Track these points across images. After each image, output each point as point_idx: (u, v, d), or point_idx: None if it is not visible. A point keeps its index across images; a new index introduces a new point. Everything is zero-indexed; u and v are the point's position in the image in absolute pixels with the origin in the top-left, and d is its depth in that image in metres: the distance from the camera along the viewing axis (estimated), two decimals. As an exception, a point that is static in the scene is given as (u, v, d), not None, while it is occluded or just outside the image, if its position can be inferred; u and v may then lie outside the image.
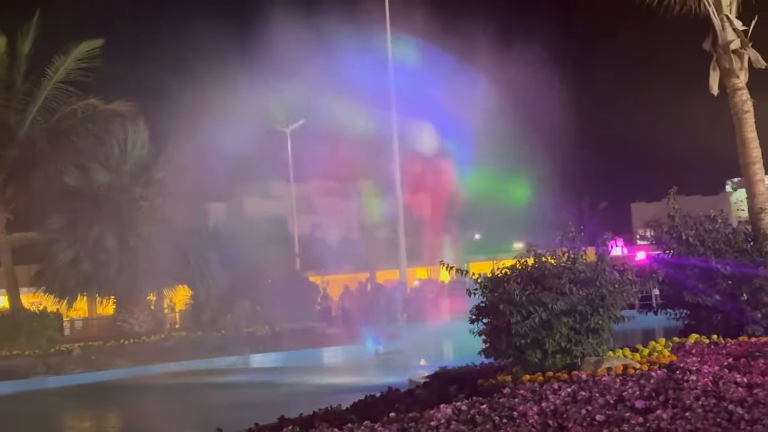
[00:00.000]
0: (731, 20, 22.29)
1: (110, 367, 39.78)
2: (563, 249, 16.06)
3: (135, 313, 48.18)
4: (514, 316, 15.09)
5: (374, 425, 12.74)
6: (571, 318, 15.16)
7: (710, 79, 22.24)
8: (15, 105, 48.86)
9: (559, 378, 14.32)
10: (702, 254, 19.99)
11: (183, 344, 43.93)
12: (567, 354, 15.19)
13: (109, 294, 48.97)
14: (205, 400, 30.28)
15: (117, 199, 47.47)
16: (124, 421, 27.90)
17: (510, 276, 15.65)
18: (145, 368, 39.81)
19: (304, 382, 31.70)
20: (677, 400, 12.25)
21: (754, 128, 21.75)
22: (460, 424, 12.44)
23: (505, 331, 15.43)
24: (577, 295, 15.10)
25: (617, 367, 14.53)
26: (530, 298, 15.07)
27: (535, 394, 13.23)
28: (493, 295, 15.58)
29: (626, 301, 15.81)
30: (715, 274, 19.77)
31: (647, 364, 14.80)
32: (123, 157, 48.15)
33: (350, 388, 25.12)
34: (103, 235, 46.37)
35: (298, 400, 24.47)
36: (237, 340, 43.92)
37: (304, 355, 41.34)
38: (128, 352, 42.43)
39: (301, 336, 45.09)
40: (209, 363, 40.58)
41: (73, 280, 47.20)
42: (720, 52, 22.23)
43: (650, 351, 16.43)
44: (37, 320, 44.16)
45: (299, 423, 13.96)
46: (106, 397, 33.87)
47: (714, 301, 19.62)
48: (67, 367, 39.39)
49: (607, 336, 15.76)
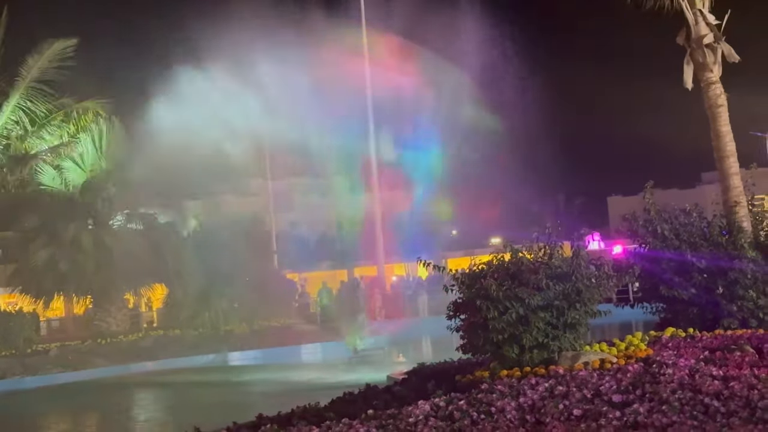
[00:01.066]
0: (704, 15, 22.36)
1: (88, 366, 39.68)
2: (540, 244, 16.10)
3: (112, 312, 47.93)
4: (491, 311, 15.13)
5: (353, 422, 12.76)
6: (547, 313, 15.22)
7: (684, 74, 22.30)
8: (-13, 104, 48.61)
9: (537, 373, 14.37)
10: (677, 248, 20.08)
11: (160, 343, 43.82)
12: (544, 349, 15.24)
13: (85, 293, 48.68)
14: (183, 398, 30.26)
15: (92, 198, 47.25)
16: (102, 421, 27.84)
17: (487, 272, 15.68)
18: (122, 367, 39.73)
19: (282, 380, 31.69)
20: (654, 393, 12.31)
21: (728, 122, 21.82)
22: (438, 420, 12.47)
23: (482, 327, 15.47)
24: (554, 290, 15.16)
25: (594, 362, 14.58)
26: (507, 293, 15.12)
27: (513, 390, 13.27)
28: (470, 291, 15.60)
29: (603, 296, 15.87)
30: (690, 267, 19.86)
31: (624, 358, 14.86)
32: (98, 156, 47.95)
33: (329, 386, 25.16)
34: (78, 235, 46.13)
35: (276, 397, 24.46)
36: (215, 338, 43.85)
37: (282, 353, 41.33)
38: (106, 352, 42.30)
39: (279, 333, 45.05)
40: (187, 361, 40.53)
41: (49, 279, 46.91)
42: (693, 46, 22.30)
43: (627, 345, 16.50)
44: (14, 320, 43.85)
45: (277, 421, 13.96)
46: (83, 396, 33.77)
47: (690, 294, 19.70)
48: (44, 367, 39.25)
49: (584, 330, 15.83)
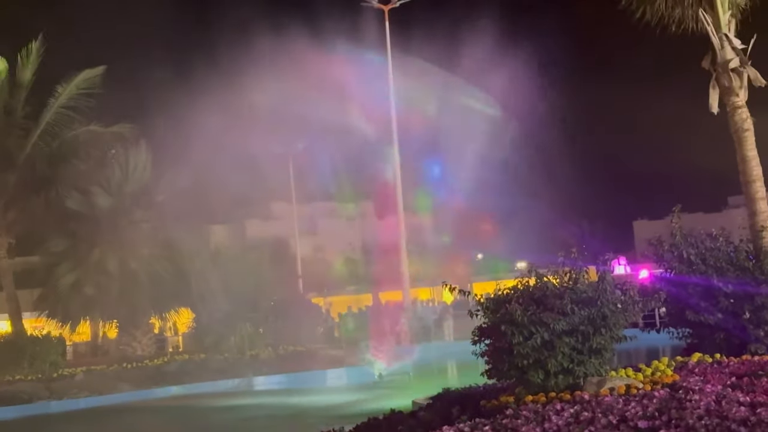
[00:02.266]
0: (730, 39, 22.33)
1: (113, 391, 39.69)
2: (565, 269, 16.04)
3: (137, 337, 48.12)
4: (516, 336, 15.06)
5: (377, 448, 12.73)
6: (573, 338, 15.13)
7: (710, 98, 22.26)
8: (16, 130, 48.87)
9: (562, 398, 14.29)
10: (704, 272, 19.96)
11: (186, 367, 43.82)
12: (569, 374, 15.15)
13: (111, 317, 48.93)
14: (207, 423, 30.23)
15: (118, 222, 47.46)
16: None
17: (512, 296, 15.63)
18: (148, 392, 39.71)
19: (306, 405, 31.63)
20: (680, 419, 12.21)
21: (754, 146, 21.74)
22: (463, 446, 12.42)
23: (507, 352, 15.40)
24: (579, 315, 15.08)
25: (620, 387, 14.49)
26: (532, 318, 15.05)
27: (538, 415, 13.20)
28: (495, 316, 15.55)
29: (628, 321, 15.78)
30: (717, 292, 19.73)
31: (650, 384, 14.76)
32: (124, 180, 48.18)
33: (353, 411, 25.09)
34: (104, 259, 46.34)
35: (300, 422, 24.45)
36: (240, 362, 43.81)
37: (307, 377, 41.25)
38: (131, 376, 42.32)
39: (304, 358, 44.99)
40: (212, 386, 40.50)
41: (75, 303, 47.14)
42: (719, 70, 22.27)
43: (653, 370, 16.39)
44: (40, 345, 44.06)
45: (302, 446, 13.94)
46: (109, 421, 33.80)
47: (716, 319, 19.57)
48: (70, 392, 39.28)
49: (609, 356, 15.73)
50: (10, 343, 44.42)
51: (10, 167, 47.88)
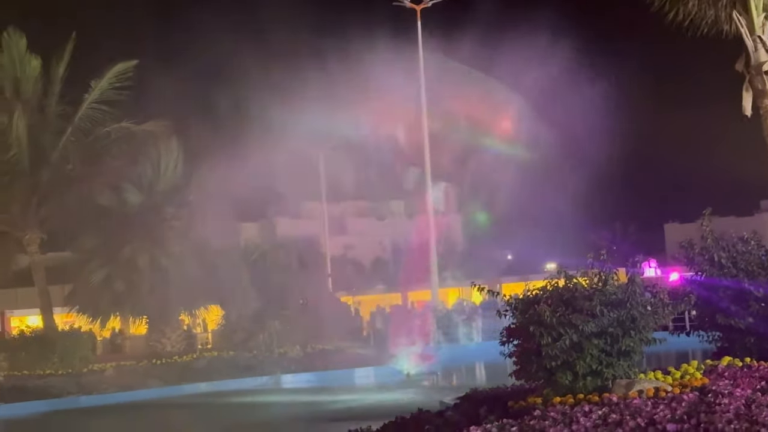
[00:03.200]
0: (764, 41, 22.19)
1: (142, 386, 39.91)
2: (594, 270, 15.98)
3: (167, 333, 48.33)
4: (545, 338, 15.02)
5: (404, 447, 12.74)
6: (602, 340, 15.08)
7: (743, 101, 22.13)
8: (49, 126, 49.12)
9: (590, 400, 14.25)
10: (734, 276, 19.83)
11: (215, 364, 43.98)
12: (598, 376, 15.10)
13: (141, 314, 49.15)
14: (235, 420, 30.34)
15: (149, 219, 47.66)
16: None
17: (540, 297, 15.58)
18: (176, 388, 39.90)
19: (334, 403, 31.68)
20: (709, 423, 12.15)
21: (786, 149, 21.61)
22: (490, 447, 12.41)
23: (535, 353, 15.37)
24: (608, 317, 15.02)
25: (648, 390, 14.43)
26: (561, 320, 15.00)
27: (566, 417, 13.17)
28: (524, 317, 15.52)
29: (658, 323, 15.70)
30: (748, 296, 19.58)
31: (679, 387, 14.69)
32: (156, 178, 48.38)
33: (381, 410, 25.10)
34: (135, 255, 46.54)
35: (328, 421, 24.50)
36: (268, 360, 43.94)
37: (335, 376, 41.31)
38: (160, 372, 42.54)
39: (332, 356, 45.06)
40: (240, 383, 40.64)
41: (105, 299, 47.40)
42: (753, 72, 22.13)
43: (682, 374, 16.30)
44: (71, 340, 44.34)
45: (329, 444, 13.97)
46: (137, 416, 33.98)
47: (747, 323, 19.42)
48: (99, 387, 39.57)
49: (638, 358, 15.67)
50: (41, 338, 44.76)
51: (43, 164, 48.16)
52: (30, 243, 48.20)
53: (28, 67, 48.06)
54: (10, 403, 36.32)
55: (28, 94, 48.05)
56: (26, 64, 48.03)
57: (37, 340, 44.46)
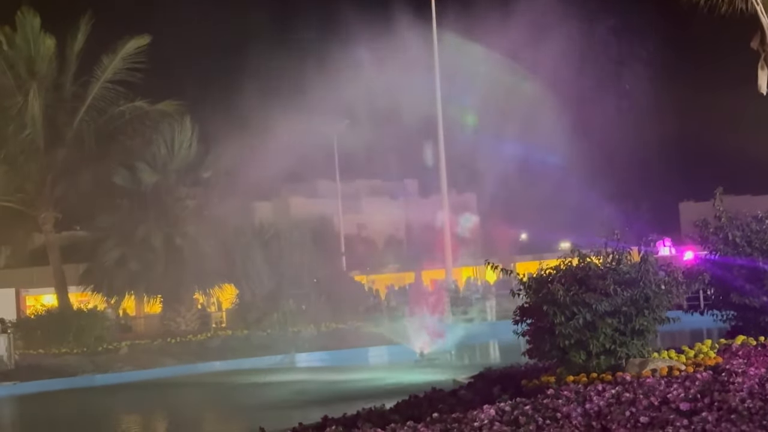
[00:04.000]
0: (779, 19, 22.07)
1: (157, 365, 40.04)
2: (608, 249, 15.95)
3: (181, 312, 48.47)
4: (558, 316, 15.02)
5: (417, 425, 12.75)
6: (615, 319, 15.06)
7: (759, 78, 22.04)
8: (64, 105, 49.24)
9: (603, 379, 14.25)
10: (749, 255, 19.77)
11: (229, 343, 44.08)
12: (611, 355, 15.09)
13: (155, 293, 49.31)
14: (249, 398, 30.40)
15: (164, 199, 47.77)
16: (171, 419, 28.07)
17: (554, 276, 15.56)
18: (191, 366, 40.03)
19: (348, 382, 31.71)
20: (723, 402, 12.14)
21: (802, 128, 21.50)
22: (503, 425, 12.42)
23: (548, 332, 15.37)
24: (622, 296, 15.00)
25: (662, 369, 14.41)
26: (574, 298, 14.99)
27: (579, 396, 13.17)
28: (537, 296, 15.50)
29: (671, 302, 15.68)
30: (762, 275, 19.54)
31: (692, 366, 14.68)
32: (170, 157, 48.41)
33: (394, 388, 25.13)
34: (149, 235, 46.66)
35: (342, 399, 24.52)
36: (282, 339, 43.99)
37: (349, 355, 41.35)
38: (175, 351, 42.66)
39: (346, 335, 45.10)
40: (255, 362, 40.71)
41: (120, 278, 47.58)
42: None
43: (696, 353, 16.29)
44: (85, 318, 44.50)
45: (342, 423, 13.99)
46: (152, 395, 34.10)
47: (761, 302, 19.40)
48: (114, 365, 39.71)
49: (652, 337, 15.66)
50: (57, 317, 44.93)
51: (58, 143, 48.31)
52: (45, 222, 48.41)
53: (43, 47, 48.14)
54: (26, 381, 36.49)
55: (42, 74, 48.16)
56: (40, 44, 48.12)
57: (53, 319, 44.63)
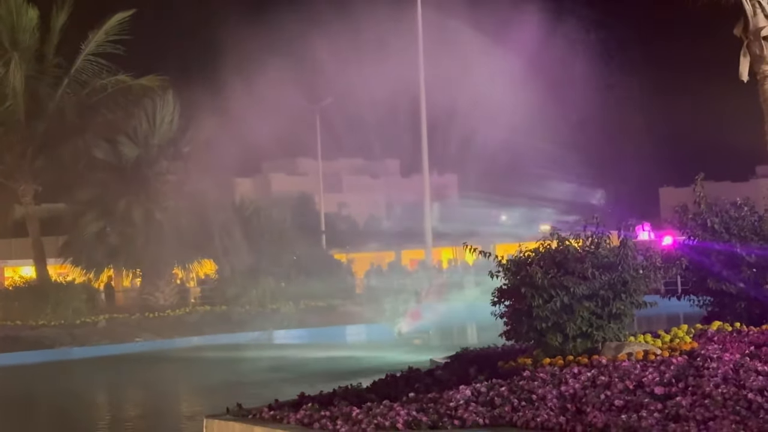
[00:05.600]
0: (763, 6, 22.03)
1: (134, 339, 40.06)
2: (587, 233, 16.01)
3: (160, 287, 48.44)
4: (536, 299, 15.06)
5: (393, 404, 12.80)
6: (592, 303, 15.12)
7: (740, 66, 22.02)
8: (46, 77, 49.04)
9: (580, 362, 14.32)
10: (727, 241, 19.87)
11: (207, 319, 44.13)
12: (588, 338, 15.16)
13: (135, 267, 49.32)
14: (226, 374, 30.48)
15: (144, 173, 47.69)
16: (147, 394, 28.11)
17: (533, 259, 15.61)
18: (168, 341, 40.07)
19: (325, 360, 31.82)
20: (697, 387, 12.23)
21: (782, 116, 21.54)
22: (479, 406, 12.49)
23: (526, 314, 15.42)
24: (600, 279, 15.06)
25: (638, 353, 14.49)
26: (552, 281, 15.04)
27: (555, 378, 13.24)
28: (516, 278, 15.55)
29: (649, 287, 15.75)
30: (739, 261, 19.63)
31: (668, 351, 14.76)
32: (151, 132, 48.28)
33: (371, 367, 25.22)
34: (130, 208, 46.60)
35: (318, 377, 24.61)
36: (261, 315, 44.06)
37: (327, 333, 41.50)
38: (153, 325, 42.68)
39: (324, 313, 45.20)
40: (232, 338, 40.81)
41: (99, 252, 47.54)
42: (751, 38, 22.00)
43: (672, 337, 16.37)
44: (64, 291, 44.43)
45: (319, 400, 14.04)
46: (129, 369, 34.13)
47: (738, 288, 19.48)
48: (92, 339, 39.73)
49: (628, 321, 15.73)
50: (35, 289, 44.88)
51: (39, 115, 48.11)
52: (24, 194, 48.25)
53: (26, 17, 47.86)
54: (3, 353, 36.49)
55: (25, 45, 47.89)
56: (23, 14, 47.83)
57: (31, 291, 44.58)
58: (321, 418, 12.76)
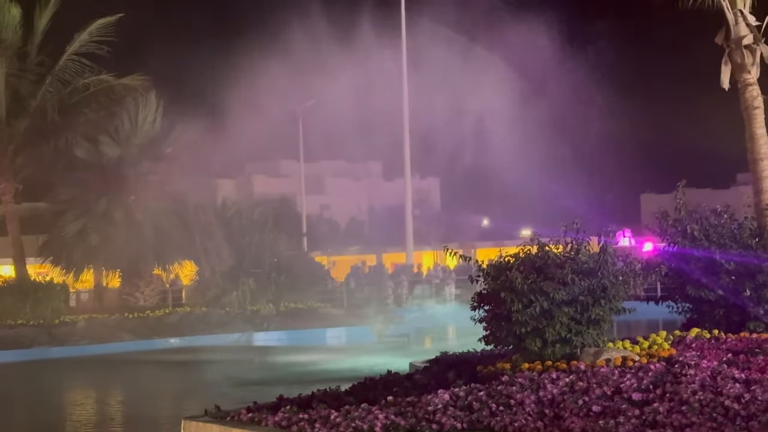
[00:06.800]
0: (745, 15, 22.18)
1: (114, 340, 39.94)
2: (567, 239, 16.07)
3: (140, 287, 48.31)
4: (516, 304, 15.12)
5: (372, 408, 12.82)
6: (572, 308, 15.19)
7: (722, 74, 22.15)
8: (28, 76, 48.84)
9: (558, 367, 14.37)
10: (707, 248, 19.98)
11: (187, 320, 44.00)
12: (567, 344, 15.22)
13: (115, 267, 49.16)
14: (205, 376, 30.42)
15: (126, 173, 47.56)
16: (125, 395, 28.04)
17: (513, 264, 15.67)
18: (148, 342, 39.94)
19: (304, 362, 31.80)
20: (674, 393, 12.29)
21: (763, 124, 21.66)
22: (457, 410, 12.51)
23: (505, 319, 15.47)
24: (579, 285, 15.12)
25: (616, 359, 14.56)
26: (532, 286, 15.10)
27: (533, 383, 13.28)
28: (495, 283, 15.60)
29: (628, 293, 15.83)
30: (719, 268, 19.76)
31: (646, 357, 14.83)
32: (133, 131, 48.11)
33: (351, 370, 25.22)
34: (110, 208, 46.49)
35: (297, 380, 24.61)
36: (240, 317, 43.97)
37: (307, 335, 41.43)
38: (132, 326, 42.49)
39: (304, 316, 45.13)
40: (212, 339, 40.73)
41: (79, 251, 47.36)
42: (732, 46, 22.14)
43: (650, 344, 16.46)
44: (43, 291, 44.24)
45: (297, 403, 14.04)
46: (108, 369, 34.03)
47: (717, 295, 19.62)
48: (71, 339, 39.55)
49: (607, 327, 15.80)
50: (14, 288, 44.61)
51: (21, 113, 47.93)
52: (5, 192, 47.99)
53: (8, 15, 47.64)
54: (-20, 352, 36.33)
55: (7, 43, 47.70)
56: (6, 12, 47.63)
57: (9, 290, 44.31)
58: (299, 420, 12.77)
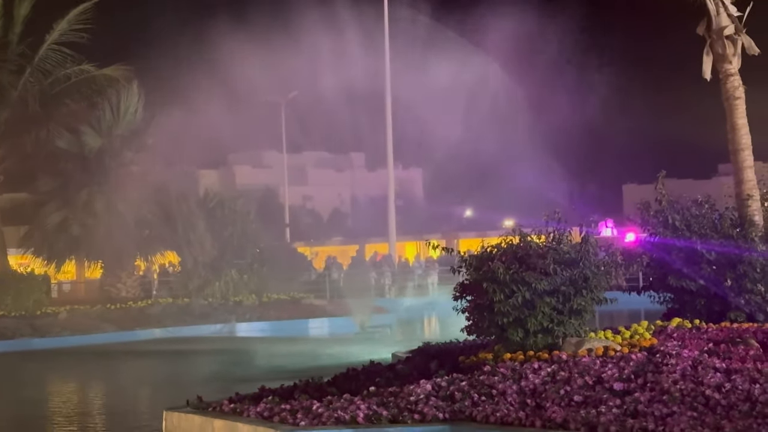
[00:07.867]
0: (726, 6, 22.21)
1: (96, 331, 39.85)
2: (549, 229, 16.10)
3: (122, 278, 48.19)
4: (498, 294, 15.14)
5: (354, 398, 12.85)
6: (554, 298, 15.22)
7: (703, 64, 22.17)
8: (9, 66, 48.62)
9: (540, 357, 14.40)
10: (688, 238, 20.04)
11: (169, 311, 43.94)
12: (549, 334, 15.25)
13: (97, 258, 49.01)
14: (187, 367, 30.37)
15: (107, 163, 47.39)
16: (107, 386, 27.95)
17: (495, 254, 15.68)
18: (130, 333, 39.88)
19: (286, 353, 31.77)
20: (655, 383, 12.34)
21: (744, 115, 21.70)
22: (439, 400, 12.55)
23: (487, 310, 15.49)
24: (561, 275, 15.15)
25: (598, 349, 14.59)
26: (514, 277, 15.12)
27: (515, 373, 13.32)
28: (478, 273, 15.61)
29: (610, 283, 15.87)
30: (700, 258, 19.83)
31: (628, 347, 14.87)
32: (115, 122, 47.93)
33: (333, 361, 25.21)
34: (92, 199, 46.34)
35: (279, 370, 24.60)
36: (223, 308, 43.97)
37: (289, 326, 41.43)
38: (114, 317, 42.41)
39: (287, 306, 45.13)
40: (194, 330, 40.71)
41: (61, 242, 47.23)
42: (714, 37, 22.17)
43: (632, 333, 16.50)
44: (25, 282, 44.11)
45: (279, 393, 14.05)
46: (90, 361, 33.90)
47: (698, 285, 19.69)
48: (53, 330, 39.44)
49: (589, 317, 15.85)
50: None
51: (2, 103, 47.72)
52: (-14, 183, 47.86)
53: (-13, 5, 47.47)
54: (-38, 343, 36.21)
55: (-14, 33, 47.52)
56: (-17, 1, 47.45)
57: (-10, 281, 44.19)
58: (281, 411, 12.77)
